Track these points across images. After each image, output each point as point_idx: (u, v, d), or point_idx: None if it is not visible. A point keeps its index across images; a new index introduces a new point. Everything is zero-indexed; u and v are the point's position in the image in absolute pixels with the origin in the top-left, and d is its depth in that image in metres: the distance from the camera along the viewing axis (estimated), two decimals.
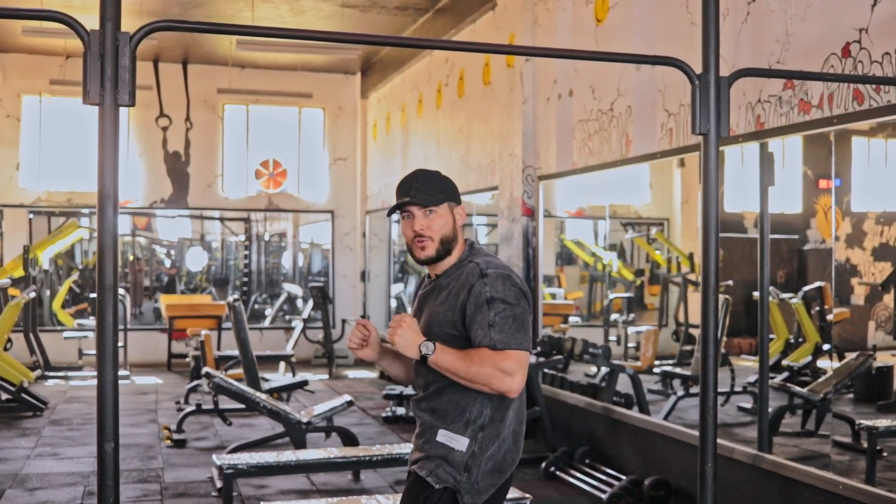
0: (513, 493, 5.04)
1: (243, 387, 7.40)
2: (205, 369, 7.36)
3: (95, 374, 9.82)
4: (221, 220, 15.53)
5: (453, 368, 2.76)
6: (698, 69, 3.41)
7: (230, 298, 8.68)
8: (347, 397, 7.65)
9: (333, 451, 6.37)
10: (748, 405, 7.89)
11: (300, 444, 7.08)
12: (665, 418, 7.30)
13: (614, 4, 7.21)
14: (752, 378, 7.51)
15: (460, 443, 2.84)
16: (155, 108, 13.85)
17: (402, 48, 12.25)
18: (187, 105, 14.00)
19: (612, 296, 11.01)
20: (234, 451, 7.20)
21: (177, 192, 13.99)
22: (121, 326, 12.57)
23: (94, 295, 13.44)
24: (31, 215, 13.54)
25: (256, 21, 10.83)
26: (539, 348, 7.92)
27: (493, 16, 9.40)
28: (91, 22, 2.76)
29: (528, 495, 5.13)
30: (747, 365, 8.49)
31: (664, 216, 10.73)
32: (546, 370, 8.21)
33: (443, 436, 2.87)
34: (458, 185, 3.15)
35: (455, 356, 2.77)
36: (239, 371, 9.43)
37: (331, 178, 14.71)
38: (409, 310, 3.21)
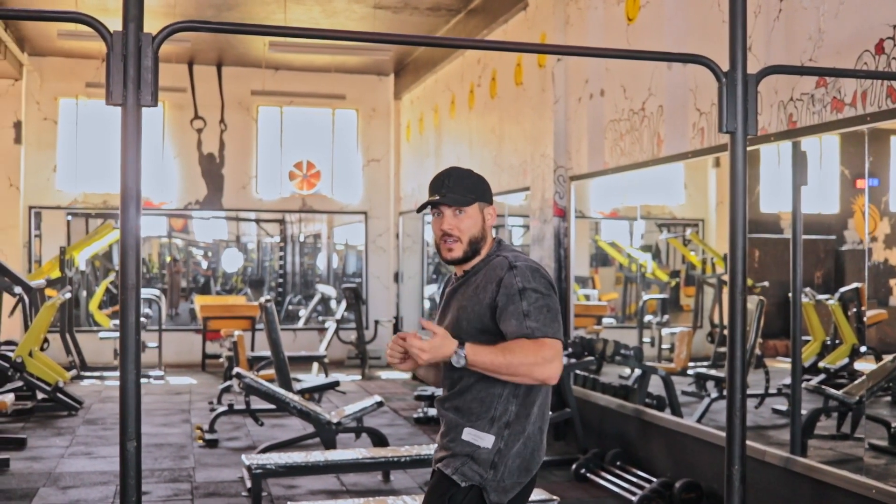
0: (540, 494, 5.02)
1: (273, 387, 7.42)
2: (235, 369, 7.40)
3: None
4: (257, 221, 15.62)
5: (493, 365, 2.73)
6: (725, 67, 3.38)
7: (262, 299, 8.72)
8: (377, 398, 7.66)
9: (362, 451, 6.37)
10: (783, 407, 7.79)
11: (330, 444, 7.09)
12: (699, 420, 7.23)
13: (645, 3, 7.16)
14: (788, 380, 7.42)
15: (486, 440, 2.83)
16: (190, 110, 13.95)
17: (435, 49, 12.25)
18: (222, 107, 14.09)
19: (645, 297, 10.93)
20: (265, 451, 7.22)
21: (211, 194, 14.08)
22: (155, 327, 12.71)
23: None
24: (70, 217, 13.70)
25: (289, 23, 10.88)
26: (570, 349, 7.87)
27: (524, 16, 9.37)
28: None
29: (555, 497, 5.10)
30: (783, 367, 8.38)
31: (699, 217, 10.63)
32: (578, 371, 8.17)
33: (468, 433, 2.86)
34: (491, 186, 3.13)
35: (491, 352, 2.74)
36: (271, 372, 9.47)
37: (364, 179, 14.74)
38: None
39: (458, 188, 2.96)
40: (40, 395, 9.56)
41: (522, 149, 9.55)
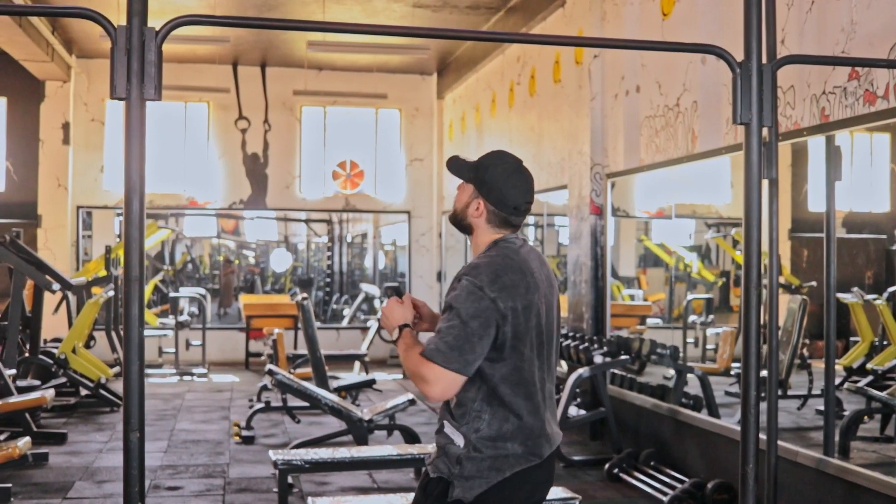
0: (563, 493, 4.97)
1: (305, 384, 7.45)
2: (268, 367, 7.44)
3: (174, 371, 10.09)
4: (307, 221, 15.72)
5: (401, 359, 2.89)
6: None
7: (299, 297, 8.77)
8: (410, 396, 7.65)
9: (391, 448, 6.36)
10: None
11: (362, 441, 7.10)
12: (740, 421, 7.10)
13: None
14: (836, 381, 7.28)
15: (458, 439, 2.84)
16: (234, 110, 14.08)
17: (476, 48, 12.23)
18: (265, 107, 14.20)
19: (690, 297, 10.81)
20: (297, 447, 7.25)
21: (255, 194, 14.19)
22: (199, 325, 12.85)
23: (174, 294, 13.73)
24: (120, 217, 13.92)
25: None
26: (606, 348, 7.80)
27: (562, 12, 9.32)
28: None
29: (577, 495, 5.05)
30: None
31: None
32: (616, 371, 8.09)
33: (447, 428, 2.90)
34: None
35: (407, 348, 2.87)
36: (308, 370, 9.51)
37: (407, 178, 14.76)
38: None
39: (467, 163, 3.00)
40: (83, 392, 9.71)
41: (560, 146, 9.49)
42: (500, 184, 2.90)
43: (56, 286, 7.87)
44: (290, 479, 6.64)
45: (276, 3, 10.73)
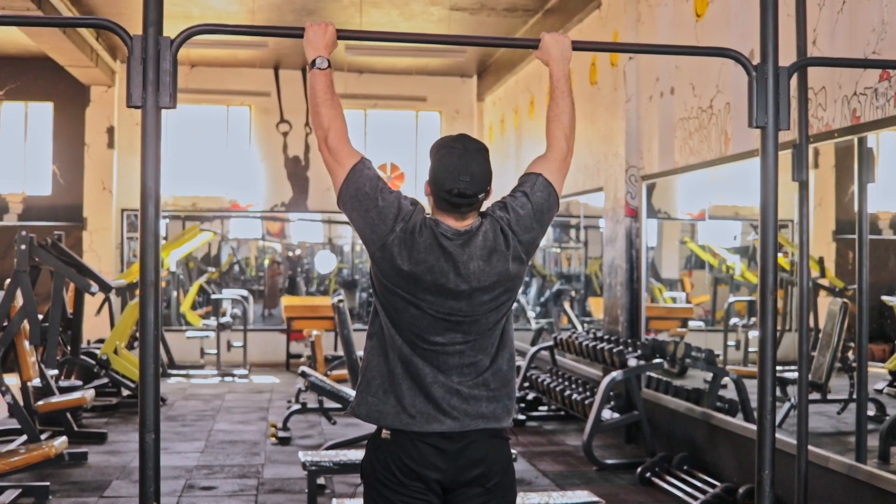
0: (588, 496, 4.96)
1: (337, 385, 7.51)
2: (301, 368, 7.50)
3: (216, 372, 10.21)
4: (350, 223, 15.79)
5: (311, 84, 3.04)
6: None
7: (335, 299, 8.82)
8: None
9: None
10: (870, 413, 7.54)
11: None
12: (779, 425, 7.03)
13: None
14: (880, 385, 7.19)
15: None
16: (276, 113, 14.22)
17: (514, 49, 12.23)
18: (307, 110, 14.30)
19: (731, 299, 10.72)
20: (329, 448, 7.31)
21: (297, 196, 14.32)
22: (240, 327, 12.99)
23: (216, 296, 13.89)
24: (167, 219, 14.13)
25: (366, 26, 11.01)
26: (640, 351, 7.77)
27: (598, 14, 9.29)
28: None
29: (600, 499, 5.04)
30: (875, 371, 8.12)
31: (790, 218, 10.37)
32: (652, 374, 8.04)
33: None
34: (566, 186, 3.13)
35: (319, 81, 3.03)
36: (344, 371, 9.58)
37: None
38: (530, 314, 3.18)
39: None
40: (125, 392, 9.86)
41: (596, 148, 9.46)
42: (434, 166, 2.91)
43: (94, 288, 8.00)
44: (322, 481, 6.72)
45: (314, 7, 10.82)
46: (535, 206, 2.94)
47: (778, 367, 8.62)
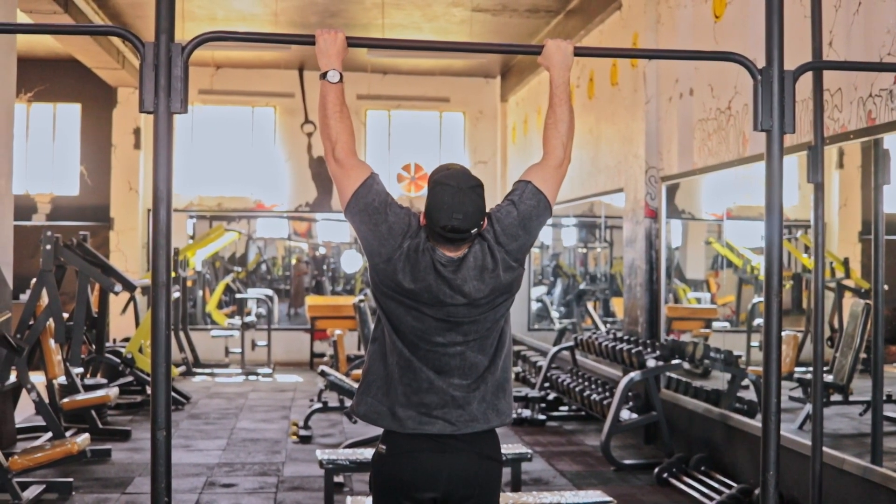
0: (600, 496, 4.99)
1: (357, 384, 7.56)
2: (321, 368, 7.57)
3: (240, 371, 10.31)
4: None
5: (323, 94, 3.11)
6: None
7: (356, 300, 8.90)
8: None
9: None
10: (892, 414, 7.51)
11: None
12: (800, 427, 7.02)
13: (731, 0, 7.02)
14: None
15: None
16: (300, 114, 14.32)
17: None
18: None
19: (755, 300, 10.69)
20: (349, 447, 7.38)
21: (321, 196, 14.42)
22: (265, 326, 13.10)
23: (241, 295, 14.01)
24: (194, 219, 14.28)
25: (388, 27, 11.07)
26: (659, 352, 7.78)
27: (619, 16, 9.30)
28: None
29: (611, 498, 5.06)
30: (893, 373, 8.08)
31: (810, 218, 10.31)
32: (672, 375, 8.05)
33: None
34: (587, 187, 3.19)
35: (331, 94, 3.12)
36: None
37: None
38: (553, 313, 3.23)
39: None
40: (149, 390, 9.96)
41: (617, 149, 9.47)
42: (429, 202, 2.90)
43: (118, 287, 8.12)
44: (341, 479, 6.79)
45: (337, 9, 10.90)
46: (522, 214, 2.98)
47: (800, 369, 8.64)
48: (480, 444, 2.96)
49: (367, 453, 6.12)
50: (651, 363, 7.59)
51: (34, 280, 7.70)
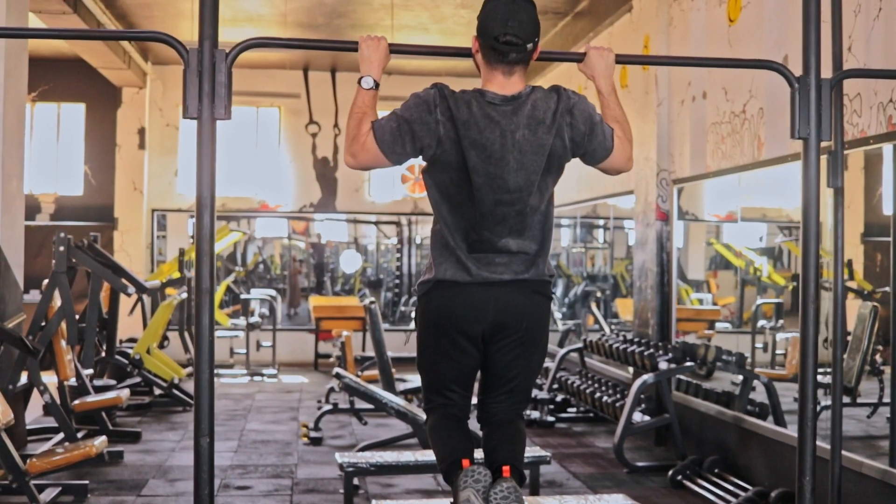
0: (623, 500, 5.00)
1: (371, 387, 7.57)
2: (335, 370, 7.58)
3: (245, 372, 10.30)
4: (376, 223, 15.90)
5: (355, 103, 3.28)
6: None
7: (366, 301, 8.90)
8: (474, 400, 7.71)
9: None
10: None
11: (426, 444, 7.19)
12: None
13: (746, 4, 7.04)
14: None
15: None
16: (305, 115, 14.32)
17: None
18: (335, 112, 14.42)
19: (759, 301, 10.71)
20: (363, 449, 7.38)
21: (325, 197, 14.42)
22: (270, 326, 13.09)
23: (245, 296, 14.01)
24: (194, 219, 14.25)
25: (396, 28, 11.07)
26: (671, 354, 7.80)
27: (629, 18, 9.31)
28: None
29: (636, 503, 5.07)
30: None
31: (822, 222, 10.33)
32: (682, 377, 8.06)
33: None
34: (597, 189, 3.30)
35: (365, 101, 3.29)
36: (375, 372, 9.65)
37: None
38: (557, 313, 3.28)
39: None
40: (157, 391, 9.98)
41: None
42: (481, 16, 3.08)
43: (131, 289, 8.12)
44: (356, 481, 6.79)
45: (345, 10, 10.90)
46: (588, 128, 3.19)
47: None
48: (529, 283, 3.12)
49: (387, 456, 6.14)
50: (664, 365, 7.60)
51: (45, 281, 7.70)
